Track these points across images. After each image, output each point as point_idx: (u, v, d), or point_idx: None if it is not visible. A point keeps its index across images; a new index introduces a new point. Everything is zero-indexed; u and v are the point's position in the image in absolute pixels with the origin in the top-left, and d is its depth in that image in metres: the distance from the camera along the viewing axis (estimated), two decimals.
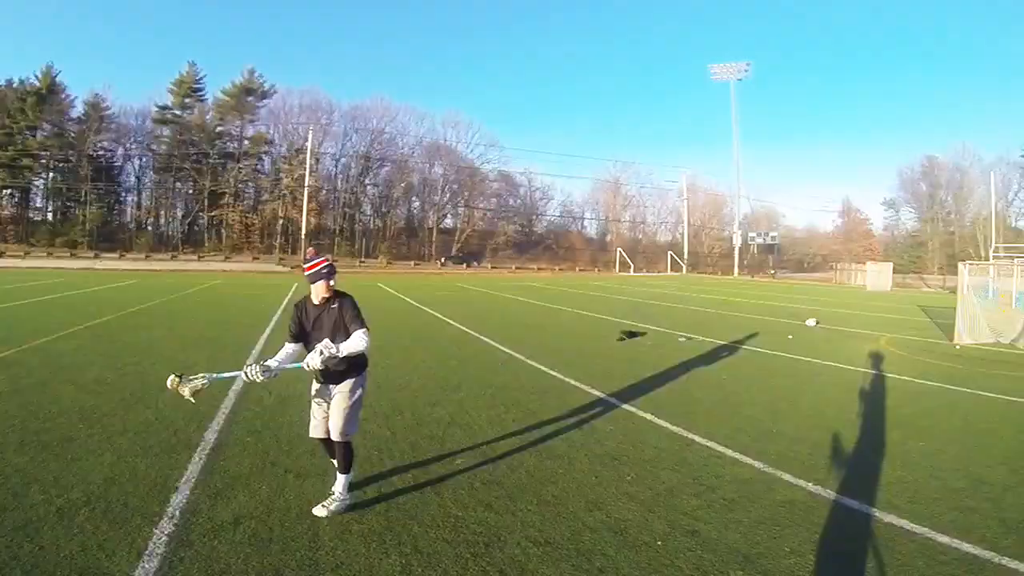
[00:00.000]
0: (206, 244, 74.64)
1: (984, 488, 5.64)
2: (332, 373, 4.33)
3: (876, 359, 12.79)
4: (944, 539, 4.54)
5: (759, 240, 70.81)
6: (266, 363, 4.21)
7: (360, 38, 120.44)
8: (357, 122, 79.72)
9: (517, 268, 63.71)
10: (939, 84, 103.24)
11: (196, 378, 4.06)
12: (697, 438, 6.75)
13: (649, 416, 7.62)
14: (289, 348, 4.47)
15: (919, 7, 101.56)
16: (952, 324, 16.43)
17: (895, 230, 72.45)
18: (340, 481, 4.47)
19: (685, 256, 71.81)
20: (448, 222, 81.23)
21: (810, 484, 5.54)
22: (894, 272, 51.67)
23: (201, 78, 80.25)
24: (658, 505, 4.88)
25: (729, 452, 6.30)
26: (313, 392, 4.50)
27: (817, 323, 18.87)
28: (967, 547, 4.43)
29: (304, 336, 4.42)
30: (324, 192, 76.91)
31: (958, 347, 14.95)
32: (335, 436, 4.33)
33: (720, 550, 4.22)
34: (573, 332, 15.79)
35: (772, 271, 63.28)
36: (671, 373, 10.24)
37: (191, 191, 77.96)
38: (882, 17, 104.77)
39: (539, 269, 63.09)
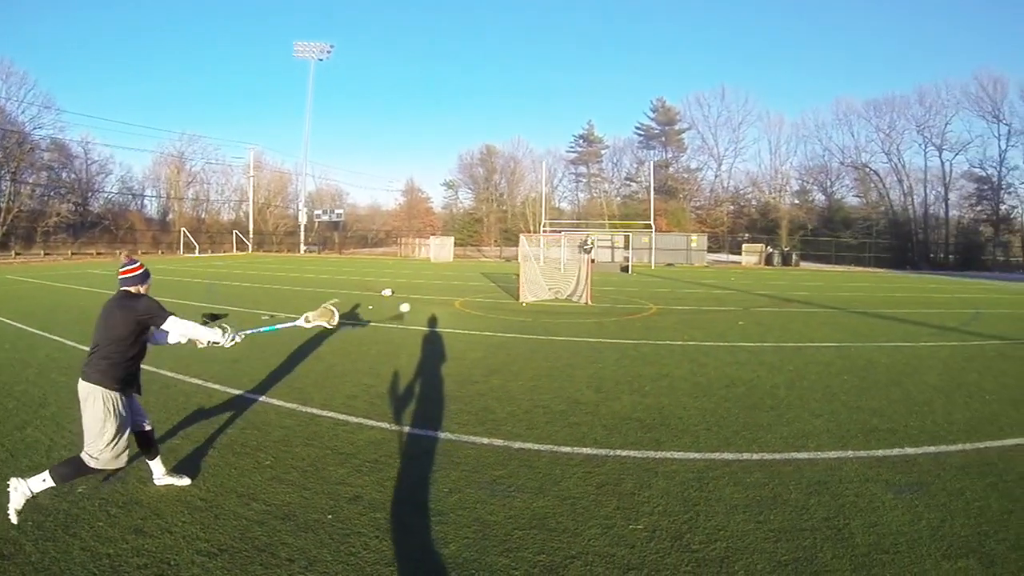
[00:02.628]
0: None
1: (581, 407, 7.33)
2: None
3: (457, 319, 14.94)
4: (567, 449, 5.81)
5: (325, 217, 74.31)
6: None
7: None
8: None
9: (74, 254, 53.49)
10: (501, 81, 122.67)
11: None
12: (317, 411, 6.84)
13: (263, 398, 7.41)
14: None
15: (476, 11, 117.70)
16: (515, 286, 19.92)
17: (454, 208, 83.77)
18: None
19: (251, 235, 70.15)
20: None
21: (443, 433, 6.31)
22: (455, 245, 59.75)
23: None
24: (310, 481, 4.97)
25: (353, 419, 6.65)
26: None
27: (393, 293, 20.54)
28: (586, 450, 5.77)
29: None
30: None
31: (524, 304, 18.24)
32: None
33: (386, 506, 4.53)
34: None
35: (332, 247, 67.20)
36: (269, 352, 9.95)
37: None
38: (444, 16, 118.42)
39: (98, 254, 54.04)
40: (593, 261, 31.88)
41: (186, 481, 4.74)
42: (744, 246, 57.28)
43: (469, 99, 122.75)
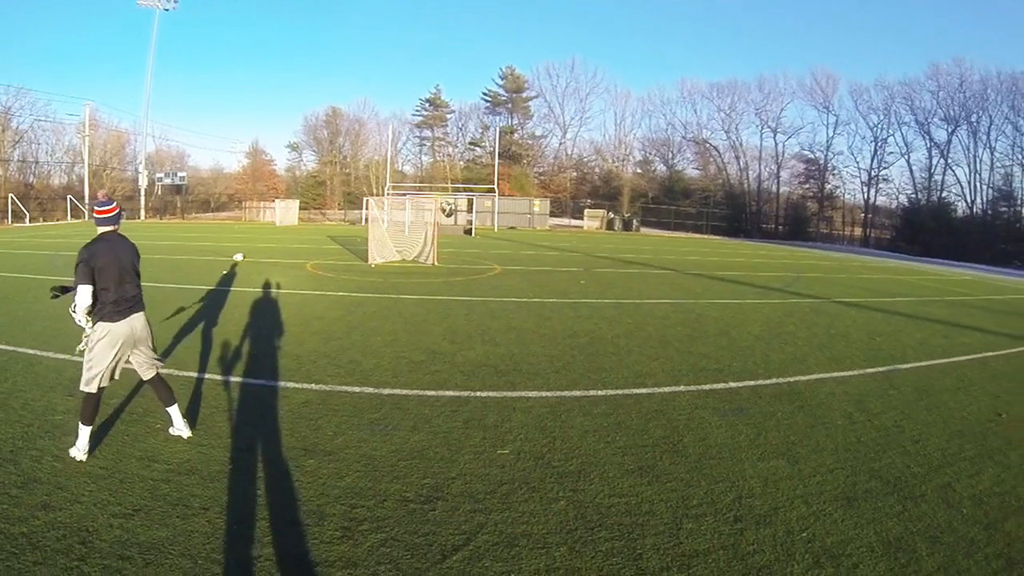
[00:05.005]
0: None
1: (439, 356, 7.77)
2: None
3: (312, 281, 14.77)
4: (432, 392, 6.25)
5: (167, 181, 68.26)
6: None
7: None
8: None
9: None
10: (350, 42, 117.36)
11: None
12: (193, 374, 6.71)
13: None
14: None
15: None
16: (363, 248, 19.82)
17: (297, 171, 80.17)
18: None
19: (87, 200, 62.66)
20: None
21: (318, 385, 6.53)
22: (300, 208, 57.51)
23: None
24: (203, 438, 4.96)
25: (231, 378, 6.59)
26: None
27: (244, 257, 19.74)
28: (449, 393, 6.25)
29: None
30: None
31: (373, 265, 18.26)
32: None
33: (280, 452, 4.76)
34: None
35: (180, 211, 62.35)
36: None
37: None
38: None
39: None
40: (449, 216, 32.02)
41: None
42: (586, 211, 59.86)
43: (317, 59, 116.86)
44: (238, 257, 19.51)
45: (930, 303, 15.76)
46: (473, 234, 40.31)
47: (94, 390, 4.48)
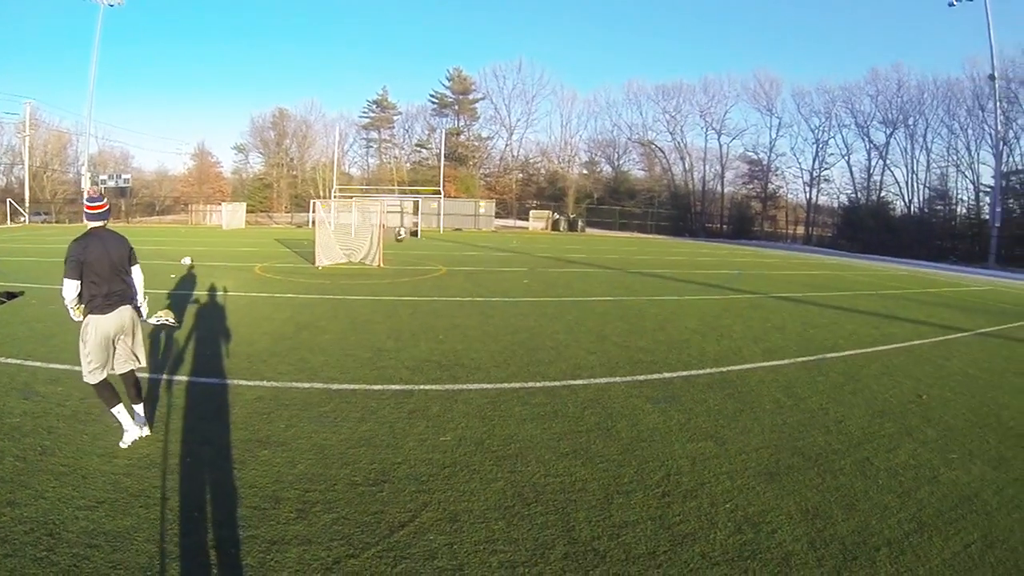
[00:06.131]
0: None
1: (385, 353, 8.05)
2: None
3: (260, 284, 14.79)
4: (378, 387, 6.53)
5: (111, 183, 65.77)
6: None
7: None
8: None
9: None
10: (297, 42, 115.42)
11: None
12: (145, 374, 6.54)
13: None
14: None
15: None
16: (310, 251, 19.89)
17: (244, 173, 78.60)
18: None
19: (27, 203, 59.63)
20: None
21: (268, 382, 6.69)
22: (247, 212, 56.49)
23: None
24: (161, 433, 5.03)
25: (183, 377, 6.73)
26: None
27: (192, 261, 19.52)
28: (395, 387, 6.55)
29: None
30: None
31: (320, 267, 18.31)
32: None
33: (235, 443, 4.96)
34: None
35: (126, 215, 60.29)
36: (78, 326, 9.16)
37: None
38: None
39: None
40: (400, 240, 32.19)
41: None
42: (532, 212, 60.59)
43: (264, 59, 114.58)
44: (186, 261, 19.30)
45: (864, 297, 16.69)
46: (419, 236, 40.40)
47: (97, 380, 4.74)
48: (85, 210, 4.89)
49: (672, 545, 3.63)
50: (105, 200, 5.00)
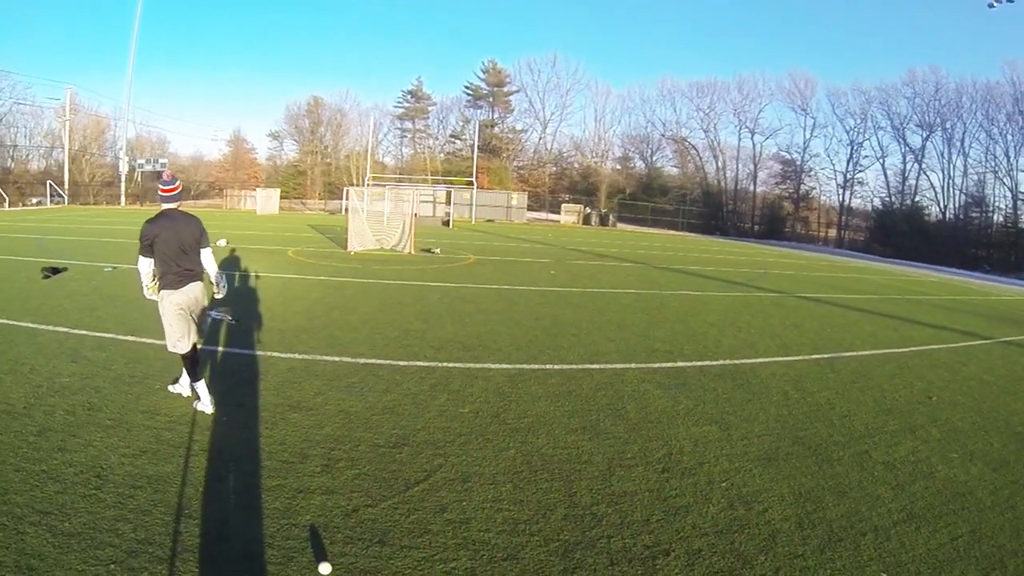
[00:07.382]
0: None
1: (412, 333, 8.41)
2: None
3: (293, 266, 15.31)
4: (403, 363, 6.89)
5: (148, 167, 67.11)
6: None
7: None
8: None
9: None
10: (330, 32, 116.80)
11: None
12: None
13: (134, 338, 7.61)
14: None
15: None
16: (342, 237, 20.50)
17: (278, 160, 79.85)
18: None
19: (66, 185, 61.39)
20: None
21: (300, 355, 7.11)
22: (281, 198, 57.46)
23: None
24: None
25: (221, 348, 7.20)
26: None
27: (227, 243, 20.07)
28: (419, 363, 6.89)
29: None
30: None
31: (352, 253, 18.72)
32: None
33: (267, 407, 5.35)
34: None
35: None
36: (120, 301, 9.61)
37: None
38: None
39: None
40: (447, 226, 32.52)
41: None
42: (564, 206, 60.47)
43: (300, 48, 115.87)
44: (221, 243, 19.84)
45: (889, 301, 16.57)
46: (451, 226, 40.72)
47: (183, 350, 5.09)
48: (159, 192, 5.19)
49: (666, 515, 3.87)
50: (178, 183, 5.29)
